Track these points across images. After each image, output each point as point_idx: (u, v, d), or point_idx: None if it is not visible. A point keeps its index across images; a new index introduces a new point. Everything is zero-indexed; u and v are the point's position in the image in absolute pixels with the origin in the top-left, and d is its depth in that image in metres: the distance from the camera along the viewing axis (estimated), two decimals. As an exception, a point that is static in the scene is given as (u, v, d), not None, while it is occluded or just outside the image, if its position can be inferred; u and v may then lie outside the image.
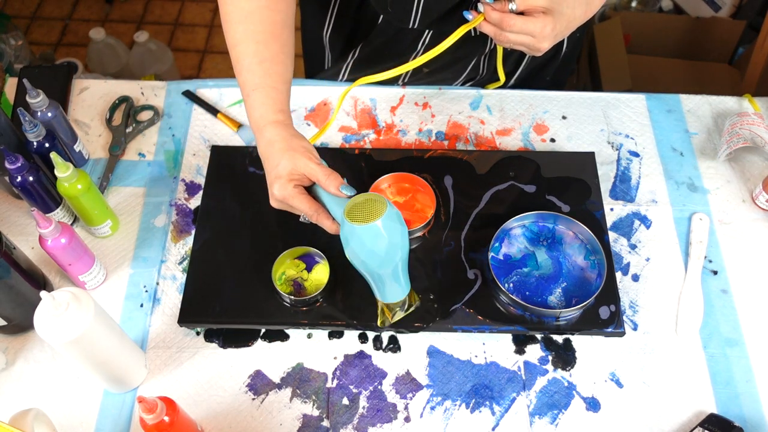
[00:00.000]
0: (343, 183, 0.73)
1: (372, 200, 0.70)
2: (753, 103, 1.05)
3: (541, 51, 0.78)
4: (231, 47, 0.80)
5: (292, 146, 0.74)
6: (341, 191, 0.72)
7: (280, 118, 0.77)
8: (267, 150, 0.76)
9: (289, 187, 0.74)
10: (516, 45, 0.79)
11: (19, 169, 0.81)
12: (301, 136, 0.76)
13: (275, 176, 0.75)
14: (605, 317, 0.82)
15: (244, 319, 0.84)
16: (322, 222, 0.75)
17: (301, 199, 0.74)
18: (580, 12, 0.79)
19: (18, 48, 1.99)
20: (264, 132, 0.76)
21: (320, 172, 0.73)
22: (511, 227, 0.89)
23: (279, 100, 0.78)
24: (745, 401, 0.80)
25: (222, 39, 2.32)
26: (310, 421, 0.79)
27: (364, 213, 0.69)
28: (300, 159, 0.73)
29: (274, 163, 0.74)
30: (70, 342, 0.67)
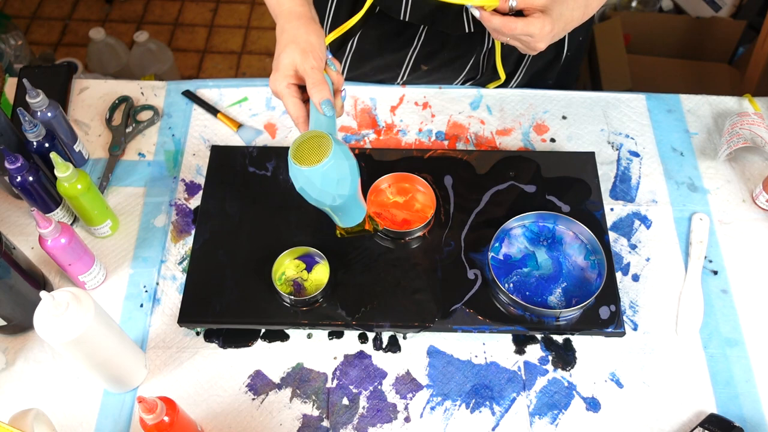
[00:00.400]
0: (327, 98, 0.71)
1: (317, 137, 0.68)
2: (753, 103, 1.05)
3: (536, 50, 0.78)
4: None
5: (297, 39, 0.73)
6: (320, 106, 0.71)
7: (296, 6, 0.75)
8: (278, 38, 0.75)
9: (282, 84, 0.73)
10: (513, 42, 0.79)
11: (19, 169, 0.81)
12: (313, 30, 0.74)
13: (274, 67, 0.74)
14: (605, 317, 0.82)
15: (244, 319, 0.84)
16: (298, 129, 0.75)
17: (290, 101, 0.73)
18: (578, 14, 0.80)
19: (18, 48, 1.99)
20: (279, 19, 0.75)
21: (311, 77, 0.71)
22: (511, 227, 0.89)
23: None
24: (745, 401, 0.80)
25: (222, 39, 2.32)
26: (310, 421, 0.79)
27: (310, 151, 0.68)
28: (299, 55, 0.72)
29: (277, 52, 0.74)
30: (70, 342, 0.67)
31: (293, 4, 0.76)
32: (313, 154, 0.67)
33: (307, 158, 0.67)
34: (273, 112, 1.04)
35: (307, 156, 0.68)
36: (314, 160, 0.67)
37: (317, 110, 0.72)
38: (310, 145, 0.68)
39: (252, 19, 2.39)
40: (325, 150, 0.67)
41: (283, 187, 0.94)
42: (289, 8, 0.75)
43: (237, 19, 2.38)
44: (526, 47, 0.79)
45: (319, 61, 0.73)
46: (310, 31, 0.74)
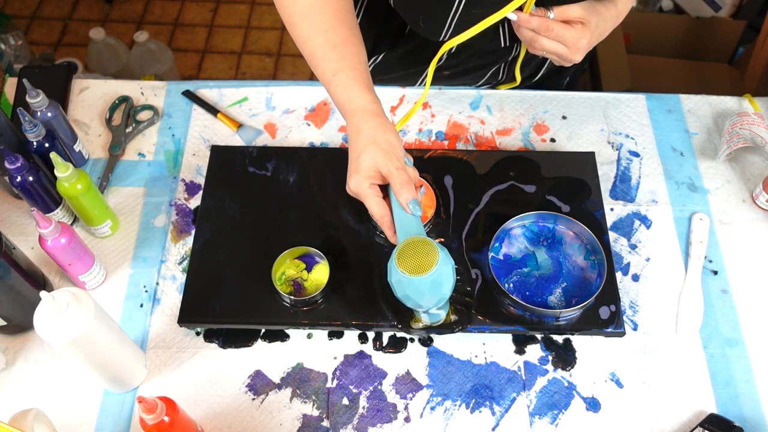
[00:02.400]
0: (415, 197, 0.71)
1: (424, 246, 0.68)
2: (753, 103, 1.05)
3: (572, 62, 0.79)
4: (302, 45, 0.79)
5: (376, 139, 0.72)
6: (408, 206, 0.71)
7: (368, 103, 0.75)
8: (353, 138, 0.74)
9: (365, 185, 0.73)
10: (549, 53, 0.79)
11: (19, 169, 0.81)
12: (389, 129, 0.74)
13: (354, 169, 0.74)
14: (605, 317, 0.82)
15: (244, 319, 0.84)
16: (384, 230, 0.75)
17: (373, 201, 0.73)
18: (610, 24, 0.81)
19: (18, 48, 1.99)
20: (352, 118, 0.75)
21: (397, 177, 0.71)
22: (511, 227, 0.89)
23: (361, 81, 0.76)
24: (745, 401, 0.80)
25: (222, 39, 2.32)
26: (310, 421, 0.79)
27: (414, 258, 0.68)
28: (381, 156, 0.72)
29: (356, 153, 0.73)
30: (70, 342, 0.67)
31: (366, 102, 0.75)
32: (419, 259, 0.68)
33: (410, 264, 0.68)
34: (273, 112, 1.04)
35: (411, 262, 0.68)
36: (422, 266, 0.67)
37: (402, 209, 0.72)
38: (413, 251, 0.68)
39: (252, 19, 2.39)
40: (432, 257, 0.68)
41: (283, 187, 0.94)
42: (362, 106, 0.75)
43: (237, 19, 2.38)
44: (562, 59, 0.79)
45: (401, 160, 0.73)
46: (387, 130, 0.74)
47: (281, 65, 2.27)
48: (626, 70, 1.64)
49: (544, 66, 1.04)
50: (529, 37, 0.79)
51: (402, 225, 0.72)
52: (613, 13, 0.81)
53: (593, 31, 0.77)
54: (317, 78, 0.79)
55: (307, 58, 0.80)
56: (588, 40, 0.77)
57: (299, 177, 0.94)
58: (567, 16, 0.76)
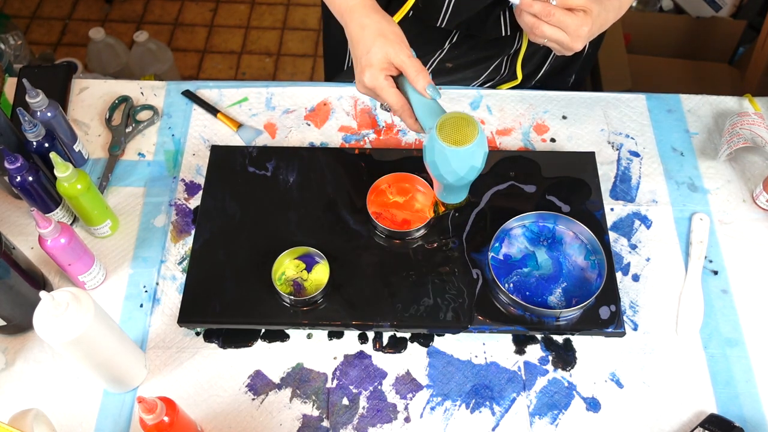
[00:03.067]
0: (430, 82, 0.72)
1: (464, 120, 0.70)
2: (753, 103, 1.05)
3: (573, 50, 0.79)
4: None
5: (383, 32, 0.73)
6: (426, 91, 0.71)
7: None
8: (358, 33, 0.74)
9: (381, 77, 0.73)
10: (550, 41, 0.79)
11: (19, 169, 0.81)
12: (391, 20, 0.75)
13: (366, 63, 0.73)
14: (605, 317, 0.82)
15: (244, 319, 0.84)
16: (404, 119, 0.75)
17: (390, 92, 0.74)
18: (612, 15, 0.81)
19: (18, 48, 1.99)
20: (353, 14, 0.75)
21: (411, 66, 0.72)
22: (511, 227, 0.89)
23: None
24: (745, 401, 0.80)
25: (222, 39, 2.32)
26: (310, 422, 0.79)
27: (454, 132, 0.69)
28: (392, 47, 0.72)
29: (365, 48, 0.73)
30: (70, 342, 0.67)
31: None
32: (458, 133, 0.69)
33: (450, 136, 0.69)
34: (273, 112, 1.04)
35: (452, 135, 0.69)
36: (458, 140, 0.69)
37: (420, 96, 0.73)
38: (456, 126, 0.70)
39: (252, 19, 2.39)
40: (471, 135, 0.69)
41: (283, 187, 0.94)
42: (361, 2, 0.75)
43: (237, 19, 2.38)
44: (562, 47, 0.79)
45: (409, 49, 0.74)
46: (390, 21, 0.75)
47: (281, 65, 2.27)
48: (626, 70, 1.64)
49: (546, 63, 1.04)
50: (530, 23, 0.79)
51: (424, 110, 0.73)
52: (616, 4, 0.81)
53: (595, 19, 0.77)
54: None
55: None
56: (589, 28, 0.77)
57: (299, 177, 0.94)
58: (569, 3, 0.76)
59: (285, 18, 2.38)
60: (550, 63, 1.04)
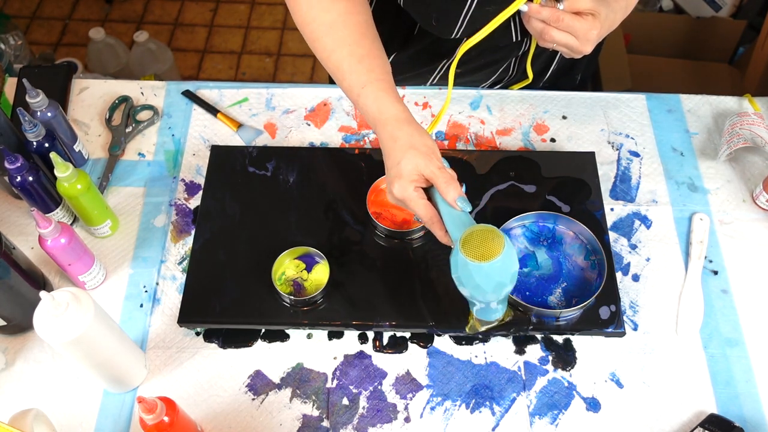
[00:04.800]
0: (461, 194, 0.71)
1: (490, 233, 0.68)
2: (753, 103, 1.05)
3: (582, 53, 0.79)
4: (326, 60, 0.80)
5: (414, 144, 0.72)
6: (457, 203, 0.70)
7: (400, 112, 0.75)
8: (389, 145, 0.74)
9: (410, 189, 0.72)
10: (559, 45, 0.79)
11: (19, 169, 0.81)
12: (424, 133, 0.74)
13: (395, 174, 0.73)
14: (605, 317, 0.82)
15: (244, 319, 0.84)
16: (435, 231, 0.74)
17: (420, 204, 0.73)
18: (620, 16, 0.81)
19: (18, 48, 1.99)
20: (386, 127, 0.75)
21: (441, 177, 0.71)
22: (511, 227, 0.89)
23: (390, 91, 0.76)
24: (745, 401, 0.80)
25: (222, 39, 2.32)
26: (310, 421, 0.79)
27: (479, 246, 0.67)
28: (423, 158, 0.72)
29: (396, 160, 0.73)
30: (70, 342, 0.67)
31: (398, 111, 0.75)
32: (485, 246, 0.67)
33: (477, 251, 0.67)
34: (273, 112, 1.04)
35: (477, 250, 0.67)
36: (488, 253, 0.67)
37: (450, 207, 0.72)
38: (481, 240, 0.68)
39: (252, 19, 2.39)
40: (498, 241, 0.67)
41: (283, 187, 0.94)
42: (395, 115, 0.75)
43: (237, 19, 2.38)
44: (572, 51, 0.79)
45: (440, 161, 0.73)
46: (423, 134, 0.74)
47: (281, 65, 2.27)
48: (626, 70, 1.64)
49: (554, 61, 1.04)
50: (539, 29, 0.79)
51: (453, 222, 0.71)
52: (623, 4, 0.81)
53: (603, 22, 0.77)
54: (345, 91, 0.79)
55: (332, 73, 0.80)
56: (598, 31, 0.77)
57: (299, 177, 0.94)
58: (577, 7, 0.76)
59: (285, 18, 2.38)
60: (558, 62, 1.04)
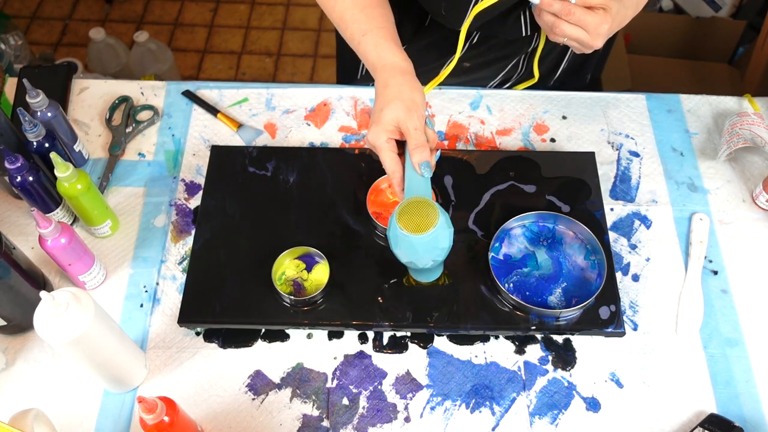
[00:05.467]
0: (427, 160, 0.72)
1: (426, 208, 0.70)
2: (753, 103, 1.05)
3: (593, 48, 0.79)
4: (330, 10, 0.81)
5: (401, 96, 0.73)
6: (419, 167, 0.72)
7: (399, 60, 0.76)
8: (379, 91, 0.75)
9: (383, 138, 0.73)
10: (569, 40, 0.79)
11: (19, 169, 0.81)
12: (416, 88, 0.75)
13: (374, 120, 0.74)
14: (605, 317, 0.82)
15: (244, 319, 0.84)
16: (394, 185, 0.75)
17: (388, 155, 0.74)
18: (631, 12, 0.81)
19: (18, 48, 1.99)
20: (382, 74, 0.76)
21: (413, 138, 0.72)
22: (511, 227, 0.89)
23: (390, 39, 0.77)
24: (745, 401, 0.80)
25: (222, 39, 2.32)
26: (310, 421, 0.79)
27: (415, 217, 0.69)
28: (403, 113, 0.72)
29: (379, 107, 0.74)
30: (70, 342, 0.67)
31: (397, 59, 0.76)
32: (419, 219, 0.69)
33: (410, 223, 0.69)
34: (273, 112, 1.04)
35: (411, 221, 0.69)
36: (420, 226, 0.69)
37: (413, 169, 0.73)
38: (415, 210, 0.70)
39: (252, 19, 2.39)
40: (432, 218, 0.69)
41: (282, 187, 0.94)
42: (393, 62, 0.76)
43: (237, 19, 2.38)
44: (582, 46, 0.79)
45: (421, 120, 0.73)
46: (414, 88, 0.74)
47: (281, 65, 2.27)
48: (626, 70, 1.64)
49: (564, 60, 1.04)
50: (550, 23, 0.79)
51: (411, 184, 0.73)
52: (634, 1, 0.81)
53: (614, 17, 0.78)
54: (348, 41, 0.81)
55: (336, 23, 0.82)
56: (609, 26, 0.77)
57: (299, 177, 0.94)
58: (588, 1, 0.76)
59: (285, 18, 2.38)
60: (568, 60, 1.04)
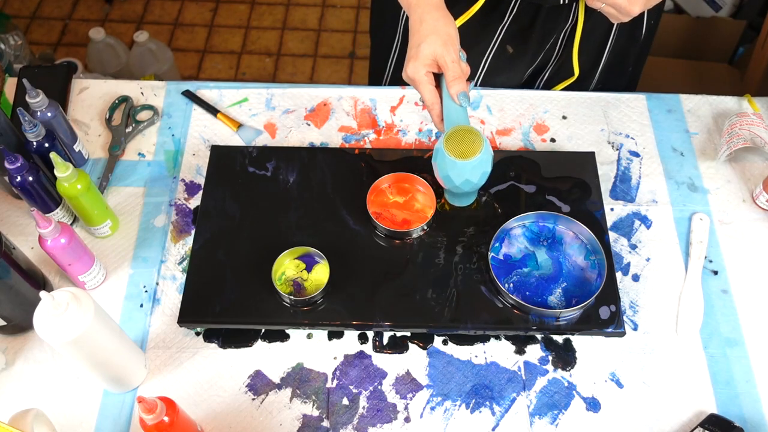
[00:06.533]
0: (465, 91, 0.76)
1: (473, 135, 0.76)
2: (752, 104, 1.05)
3: (630, 15, 0.79)
4: None
5: (437, 30, 0.76)
6: (457, 97, 0.76)
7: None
8: (415, 27, 0.78)
9: (422, 71, 0.77)
10: (607, 5, 0.80)
11: (19, 169, 0.81)
12: (450, 22, 0.78)
13: (413, 56, 0.77)
14: (605, 317, 0.82)
15: (244, 319, 0.84)
16: (432, 116, 0.79)
17: (427, 88, 0.77)
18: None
19: (18, 48, 1.99)
20: (417, 8, 0.78)
21: (451, 70, 0.76)
22: (511, 227, 0.89)
23: None
24: (745, 401, 0.80)
25: (221, 39, 2.32)
26: (310, 421, 0.79)
27: (461, 143, 0.76)
28: (442, 47, 0.76)
29: (417, 42, 0.77)
30: (70, 342, 0.67)
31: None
32: (464, 146, 0.76)
33: (457, 149, 0.76)
34: (273, 112, 1.04)
35: (457, 147, 0.76)
36: (466, 152, 0.75)
37: (452, 100, 0.77)
38: (461, 137, 0.76)
39: (252, 19, 2.39)
40: (477, 145, 0.76)
41: (283, 187, 0.94)
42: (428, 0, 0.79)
43: (237, 19, 2.38)
44: (620, 12, 0.80)
45: (457, 53, 0.77)
46: (448, 23, 0.78)
47: (281, 65, 2.27)
48: (626, 70, 1.64)
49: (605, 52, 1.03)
50: None
51: (449, 114, 0.77)
52: None
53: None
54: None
55: None
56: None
57: (299, 177, 0.94)
58: None
59: (285, 18, 2.38)
60: (608, 53, 1.04)
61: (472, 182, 0.78)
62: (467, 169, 0.76)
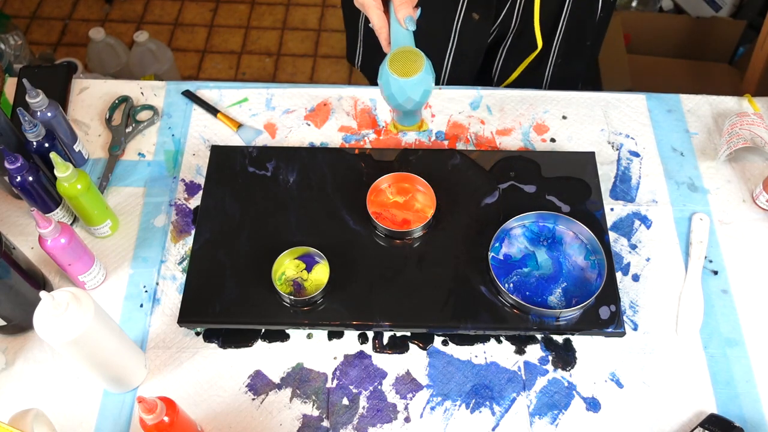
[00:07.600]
0: (411, 14, 0.78)
1: (414, 54, 0.78)
2: (752, 104, 1.05)
3: None
4: None
5: None
6: (404, 21, 0.78)
7: None
8: None
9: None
10: None
11: (19, 169, 0.81)
12: None
13: None
14: (605, 317, 0.82)
15: (244, 319, 0.84)
16: (381, 40, 0.81)
17: (375, 12, 0.80)
18: None
19: (18, 48, 1.99)
20: None
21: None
22: (511, 227, 0.89)
23: None
24: (745, 401, 0.80)
25: (222, 39, 2.32)
26: (310, 421, 0.79)
27: (405, 64, 0.78)
28: None
29: None
30: (70, 342, 0.67)
31: None
32: (408, 65, 0.78)
33: (400, 69, 0.78)
34: (273, 112, 1.04)
35: (401, 67, 0.78)
36: (409, 71, 0.78)
37: (398, 24, 0.79)
38: (404, 58, 0.78)
39: (252, 19, 2.39)
40: (419, 64, 0.78)
41: (283, 187, 0.94)
42: None
43: (237, 19, 2.38)
44: None
45: None
46: None
47: (281, 65, 2.27)
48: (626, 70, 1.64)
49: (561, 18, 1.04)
50: None
51: (396, 38, 0.80)
52: None
53: None
54: None
55: None
56: None
57: (299, 177, 0.94)
58: None
59: (285, 18, 2.38)
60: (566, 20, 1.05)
61: (414, 100, 0.80)
62: (408, 86, 0.79)
